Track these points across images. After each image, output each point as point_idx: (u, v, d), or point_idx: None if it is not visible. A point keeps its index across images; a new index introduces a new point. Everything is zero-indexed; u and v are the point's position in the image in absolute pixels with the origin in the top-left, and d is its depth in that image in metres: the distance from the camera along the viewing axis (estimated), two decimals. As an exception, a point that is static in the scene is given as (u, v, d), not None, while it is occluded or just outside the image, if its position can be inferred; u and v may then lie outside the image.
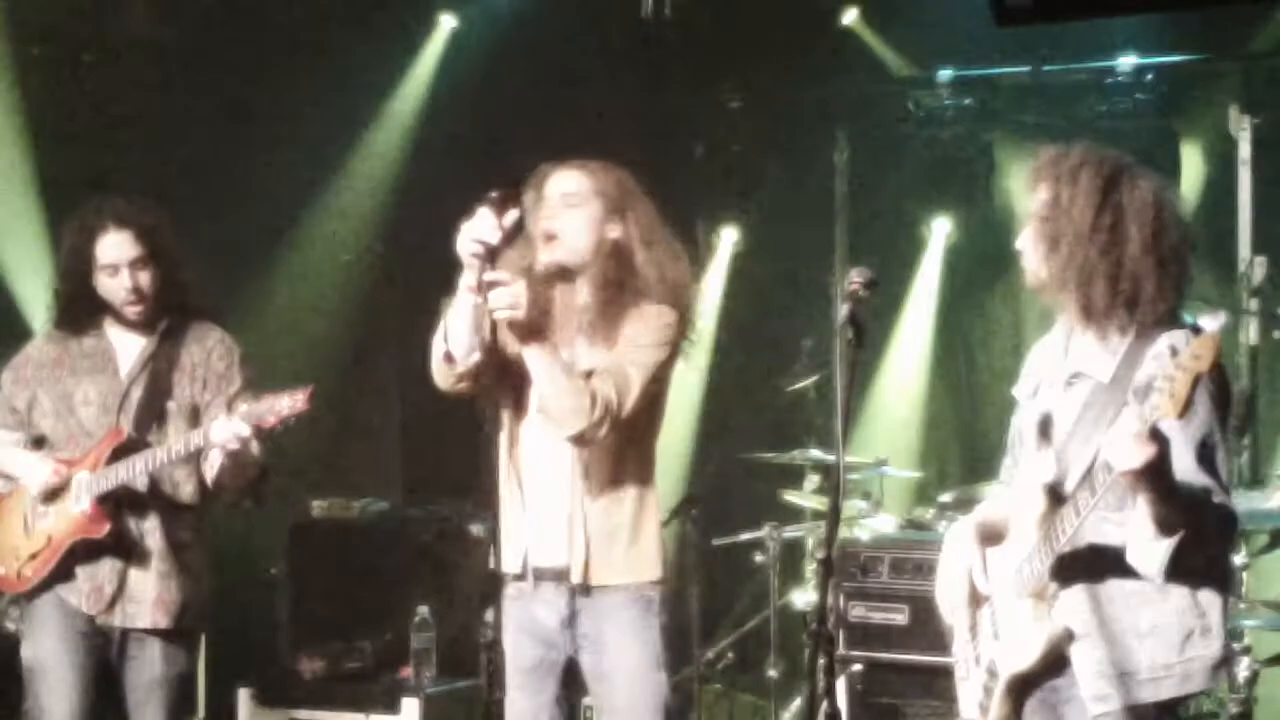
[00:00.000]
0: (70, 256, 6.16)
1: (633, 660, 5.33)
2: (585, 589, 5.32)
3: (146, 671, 6.08)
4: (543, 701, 5.42)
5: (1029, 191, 4.68)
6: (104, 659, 6.07)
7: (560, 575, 5.34)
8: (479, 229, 5.04)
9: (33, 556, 6.11)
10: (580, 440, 5.21)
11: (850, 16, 10.36)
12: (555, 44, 10.27)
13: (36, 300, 8.97)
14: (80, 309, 6.16)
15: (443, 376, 5.30)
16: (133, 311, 6.11)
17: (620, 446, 5.31)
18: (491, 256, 5.04)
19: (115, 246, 6.04)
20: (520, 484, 5.38)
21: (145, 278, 6.07)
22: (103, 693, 6.09)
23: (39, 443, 6.20)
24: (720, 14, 9.94)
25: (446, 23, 10.52)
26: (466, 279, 5.11)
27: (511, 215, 5.07)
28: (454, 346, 5.20)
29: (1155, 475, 4.11)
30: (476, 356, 5.22)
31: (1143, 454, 4.05)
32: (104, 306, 6.14)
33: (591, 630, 5.35)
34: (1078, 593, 4.47)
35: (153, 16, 9.78)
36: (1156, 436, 4.06)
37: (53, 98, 9.42)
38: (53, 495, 6.08)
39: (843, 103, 10.69)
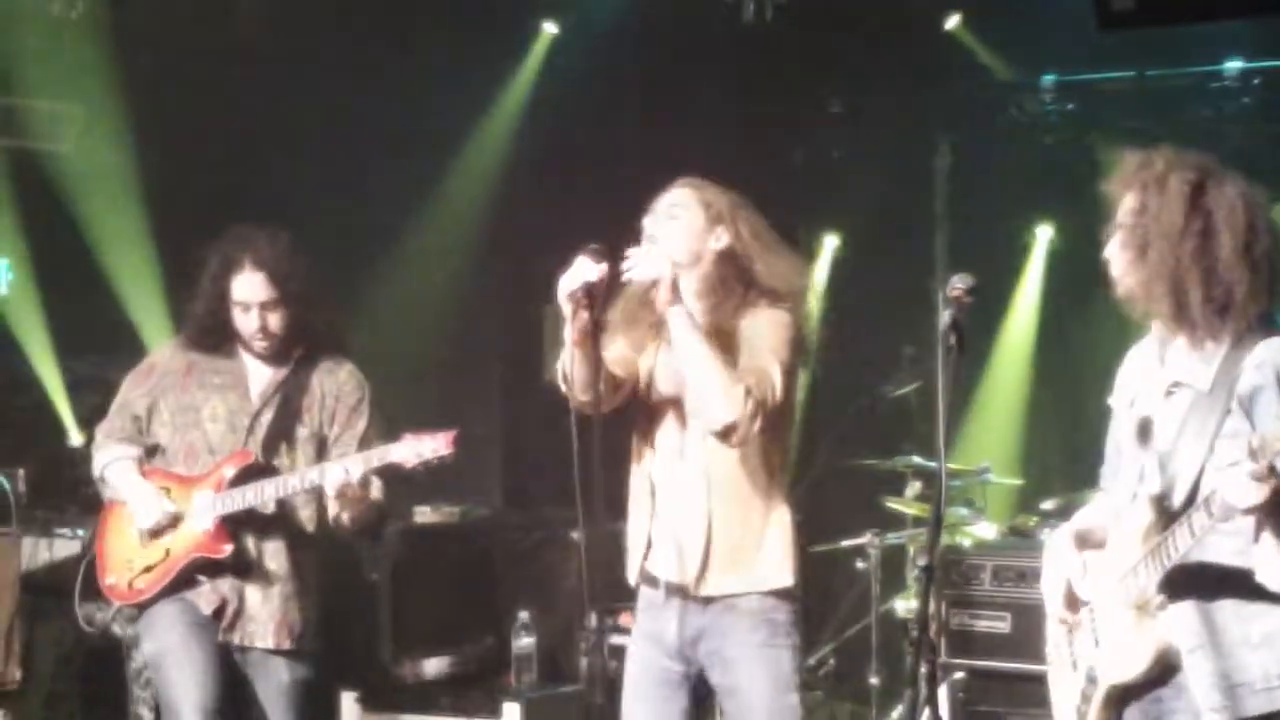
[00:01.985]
0: (208, 284, 6.20)
1: (761, 685, 5.29)
2: (706, 601, 5.31)
3: (275, 684, 6.15)
4: (669, 712, 5.40)
5: (1115, 199, 4.65)
6: (225, 650, 6.11)
7: (684, 590, 5.33)
8: (579, 272, 5.07)
9: (148, 569, 6.15)
10: (729, 433, 5.14)
11: (953, 21, 10.32)
12: (655, 50, 10.28)
13: (145, 309, 9.11)
14: (215, 332, 6.21)
15: (570, 399, 5.28)
16: (260, 347, 6.16)
17: (748, 455, 5.29)
18: (591, 301, 5.07)
19: (249, 286, 6.09)
20: (653, 494, 5.39)
21: (275, 319, 6.12)
22: (227, 678, 6.11)
23: (153, 452, 6.25)
24: (821, 19, 9.91)
25: (548, 30, 10.56)
26: (568, 331, 5.13)
27: (604, 267, 5.08)
28: (573, 384, 5.19)
29: (1272, 501, 4.08)
30: (598, 391, 5.15)
31: (1261, 493, 4.03)
32: (237, 333, 6.19)
33: (718, 650, 5.32)
34: (1187, 606, 4.43)
35: (257, 25, 9.86)
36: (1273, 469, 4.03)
37: (161, 106, 9.52)
38: (158, 532, 6.13)
39: (945, 108, 10.66)
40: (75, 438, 9.25)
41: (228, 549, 6.04)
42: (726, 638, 5.30)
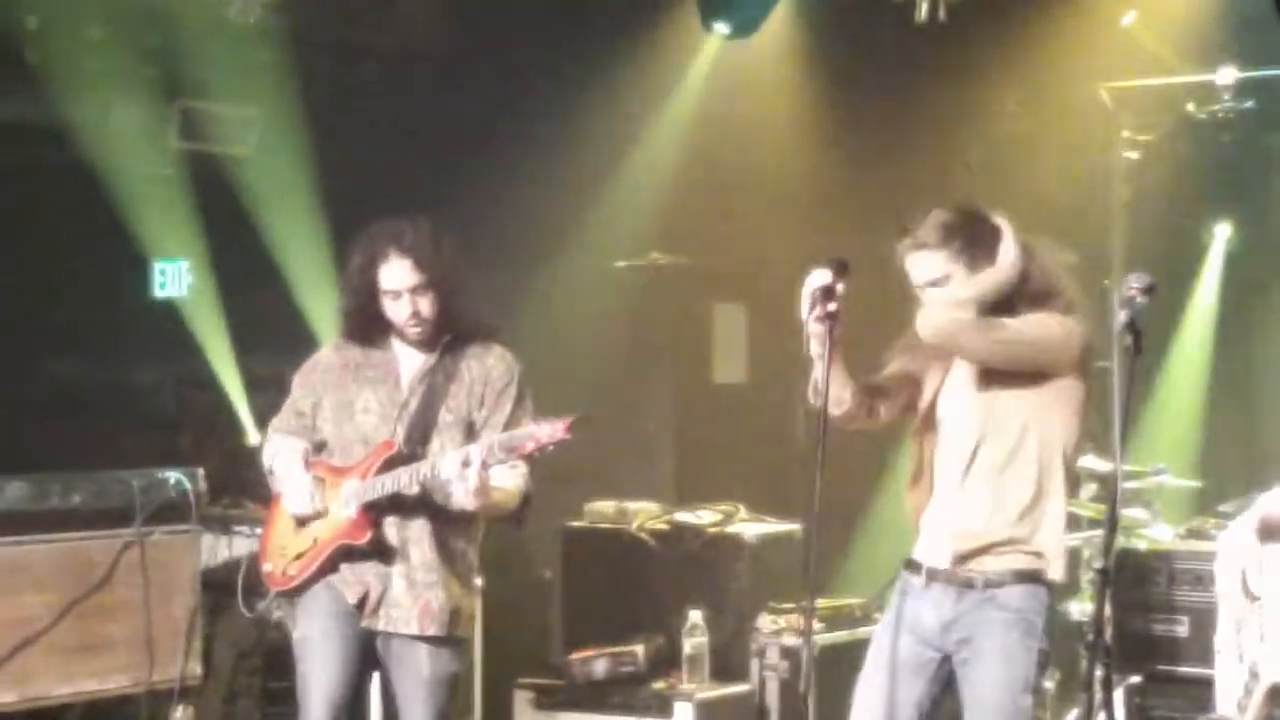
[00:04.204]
0: (354, 279, 6.29)
1: (1002, 682, 5.42)
2: (964, 590, 5.42)
3: (413, 674, 6.17)
4: (908, 698, 5.49)
5: None
6: (369, 642, 6.19)
7: (950, 578, 5.46)
8: (812, 280, 5.25)
9: (298, 556, 6.26)
10: None
11: (1130, 17, 10.20)
12: (828, 50, 10.26)
13: (321, 309, 9.22)
14: (367, 326, 6.30)
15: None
16: (414, 333, 6.22)
17: (1032, 455, 5.42)
18: (825, 310, 5.24)
19: (396, 274, 6.15)
20: (932, 483, 5.57)
21: (425, 303, 6.17)
22: (364, 669, 6.23)
23: (320, 447, 6.35)
24: (996, 17, 9.85)
25: (719, 30, 10.56)
26: (813, 348, 5.32)
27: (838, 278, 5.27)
28: (821, 395, 5.35)
29: None
30: (847, 405, 5.50)
31: None
32: (390, 324, 6.27)
33: (970, 639, 5.44)
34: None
35: (429, 27, 9.95)
36: None
37: (336, 108, 9.64)
38: (306, 520, 6.25)
39: (1121, 105, 10.53)
40: (253, 436, 9.37)
41: (367, 536, 6.13)
42: (980, 632, 5.41)
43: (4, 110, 8.97)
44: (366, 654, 6.21)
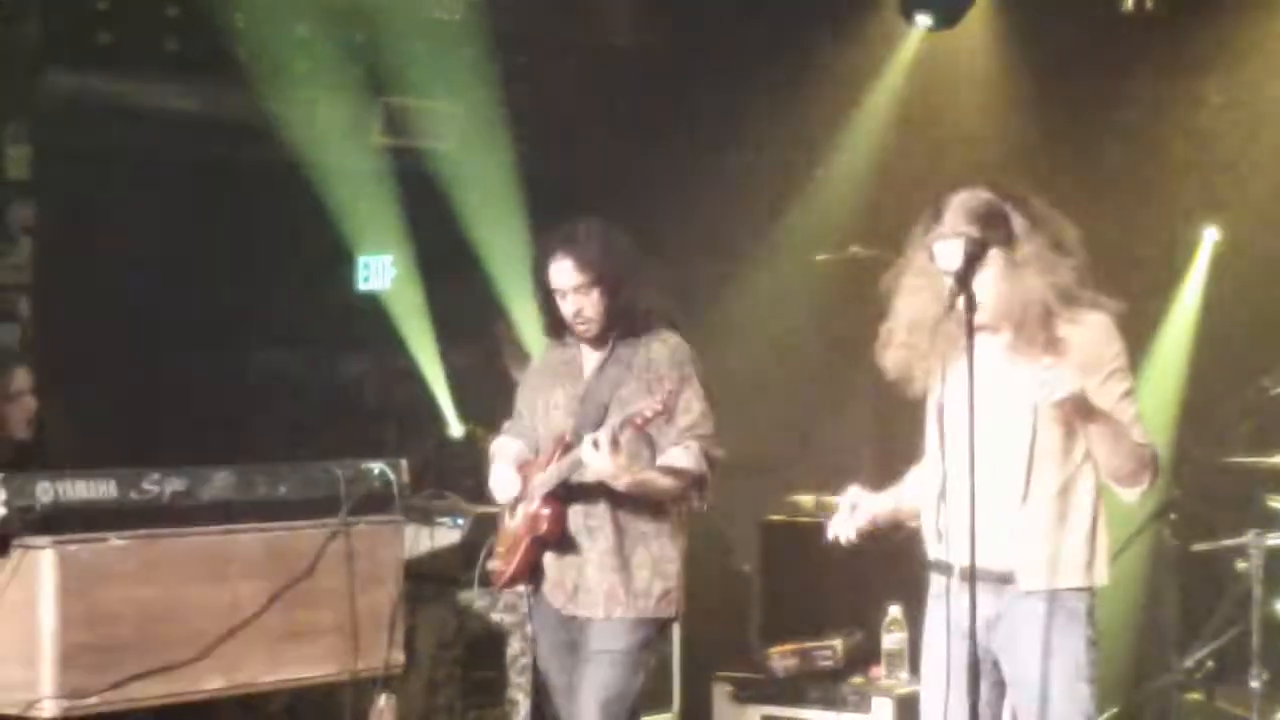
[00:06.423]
0: (536, 278, 6.51)
1: (1052, 671, 5.26)
2: (1001, 588, 5.28)
3: (593, 649, 6.30)
4: (972, 703, 5.35)
5: None
6: (569, 629, 6.39)
7: (988, 577, 5.25)
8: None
9: (506, 551, 6.48)
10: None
11: (1343, 6, 10.01)
12: (1033, 41, 10.16)
13: (521, 302, 9.32)
14: (554, 324, 6.52)
15: None
16: (580, 330, 6.40)
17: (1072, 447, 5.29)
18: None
19: (558, 273, 6.34)
20: (945, 485, 5.39)
21: (587, 302, 6.32)
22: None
23: (535, 445, 6.54)
24: (1204, 6, 9.70)
25: (921, 21, 10.49)
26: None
27: None
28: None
29: None
30: None
31: None
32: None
33: (1011, 634, 5.30)
34: None
35: (629, 22, 10.00)
36: None
37: (535, 104, 9.71)
38: (513, 507, 6.46)
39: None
40: (456, 428, 9.47)
41: (546, 526, 6.30)
42: (1020, 624, 5.27)
43: (213, 107, 9.14)
44: (570, 642, 6.41)
